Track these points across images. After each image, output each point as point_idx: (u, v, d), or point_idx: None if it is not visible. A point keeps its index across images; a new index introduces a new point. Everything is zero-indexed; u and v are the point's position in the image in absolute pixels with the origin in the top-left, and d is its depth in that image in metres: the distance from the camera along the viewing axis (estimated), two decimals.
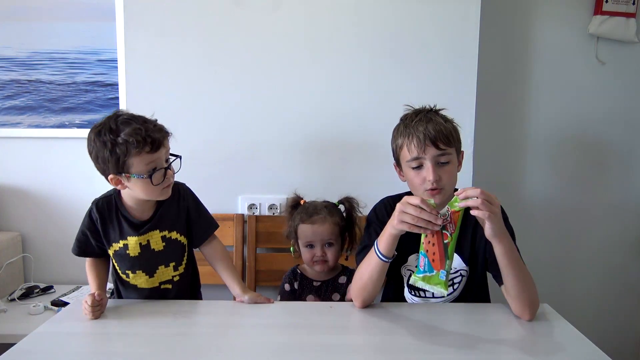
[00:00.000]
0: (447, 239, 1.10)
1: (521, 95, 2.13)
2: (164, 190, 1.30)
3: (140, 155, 1.21)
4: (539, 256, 2.11)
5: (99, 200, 1.37)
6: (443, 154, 1.27)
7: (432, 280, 1.11)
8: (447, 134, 1.27)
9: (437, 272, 1.10)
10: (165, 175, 1.27)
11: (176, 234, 1.39)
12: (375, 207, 1.44)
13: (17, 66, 2.06)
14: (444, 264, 1.10)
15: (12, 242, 2.02)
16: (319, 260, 1.52)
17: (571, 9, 2.08)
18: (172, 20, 1.82)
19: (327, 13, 1.82)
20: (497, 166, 2.14)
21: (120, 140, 1.20)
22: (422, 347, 1.09)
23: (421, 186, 1.28)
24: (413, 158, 1.28)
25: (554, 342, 1.14)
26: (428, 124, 1.27)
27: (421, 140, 1.25)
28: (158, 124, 1.28)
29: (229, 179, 1.56)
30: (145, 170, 1.24)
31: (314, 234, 1.52)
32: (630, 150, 2.17)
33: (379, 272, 1.23)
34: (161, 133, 1.26)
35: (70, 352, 1.07)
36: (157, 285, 1.40)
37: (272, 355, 1.07)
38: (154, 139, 1.23)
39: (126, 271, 1.39)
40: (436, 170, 1.26)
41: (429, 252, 1.12)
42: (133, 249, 1.35)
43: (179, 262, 1.41)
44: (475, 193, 1.09)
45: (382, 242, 1.20)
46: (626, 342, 2.25)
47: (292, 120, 1.87)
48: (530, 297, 1.21)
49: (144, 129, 1.22)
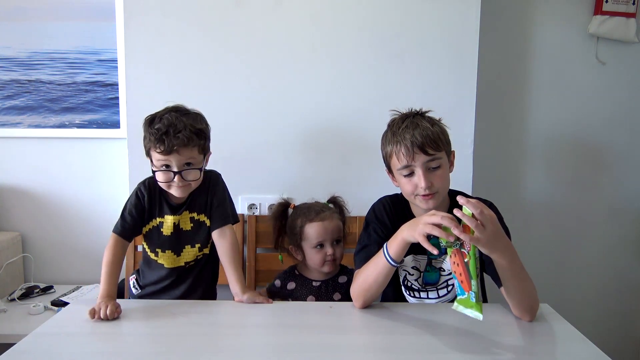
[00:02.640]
0: (466, 258, 1.04)
1: (521, 95, 2.13)
2: (174, 189, 1.39)
3: (154, 151, 1.36)
4: (538, 256, 2.11)
5: (146, 179, 1.49)
6: (433, 159, 1.26)
7: (467, 304, 1.06)
8: (434, 138, 1.25)
9: (467, 294, 1.05)
10: (174, 178, 1.36)
11: (204, 217, 1.48)
12: (374, 206, 1.43)
13: (17, 66, 2.06)
14: (470, 285, 1.04)
15: (12, 242, 2.02)
16: (329, 259, 1.51)
17: (571, 9, 2.08)
18: (172, 20, 1.82)
19: (328, 13, 1.82)
20: (497, 166, 2.13)
21: (152, 129, 1.36)
22: (422, 347, 1.09)
23: (413, 192, 1.27)
24: (403, 166, 1.27)
25: (554, 342, 1.14)
26: (415, 131, 1.25)
27: (409, 148, 1.24)
28: (187, 133, 1.34)
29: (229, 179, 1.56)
30: (156, 165, 1.38)
31: (325, 231, 1.51)
32: (630, 150, 2.17)
33: (385, 275, 1.22)
34: (179, 141, 1.33)
35: (70, 352, 1.07)
36: (182, 265, 1.49)
37: (272, 355, 1.07)
38: (168, 144, 1.32)
39: (156, 249, 1.48)
40: (427, 176, 1.25)
41: (457, 274, 1.07)
42: (167, 227, 1.46)
43: (204, 245, 1.50)
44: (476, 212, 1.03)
45: (394, 247, 1.19)
46: (626, 342, 2.25)
47: (292, 120, 1.87)
48: (530, 302, 1.21)
49: (165, 130, 1.33)
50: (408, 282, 1.40)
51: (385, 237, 1.33)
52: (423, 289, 1.39)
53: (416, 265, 1.38)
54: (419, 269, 1.38)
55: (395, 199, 1.42)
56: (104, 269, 1.37)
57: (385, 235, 1.34)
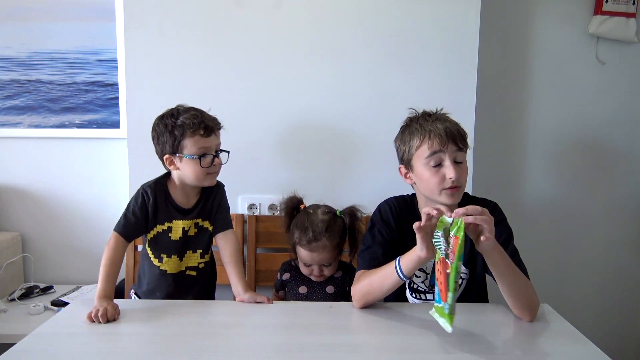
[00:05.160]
0: (448, 269, 1.04)
1: (521, 95, 2.13)
2: (209, 176, 1.43)
3: (193, 137, 1.38)
4: (539, 256, 2.11)
5: (151, 183, 1.47)
6: (460, 152, 1.27)
7: (441, 313, 1.06)
8: (462, 133, 1.29)
9: (443, 304, 1.05)
10: (213, 162, 1.41)
11: (207, 223, 1.50)
12: (380, 208, 1.42)
13: (17, 66, 2.06)
14: (446, 296, 1.03)
15: (12, 242, 2.02)
16: (316, 275, 1.54)
17: (571, 9, 2.08)
18: (172, 20, 1.82)
19: (328, 13, 1.82)
20: (497, 166, 2.13)
21: (179, 122, 1.38)
22: (422, 347, 1.09)
23: (439, 185, 1.25)
24: (433, 152, 1.25)
25: (554, 342, 1.14)
26: (445, 123, 1.28)
27: (443, 136, 1.24)
28: (213, 116, 1.45)
29: (229, 179, 1.56)
30: (197, 152, 1.39)
31: (312, 260, 1.51)
32: (630, 150, 2.17)
33: (391, 285, 1.22)
34: (214, 122, 1.44)
35: (70, 352, 1.07)
36: (183, 270, 1.49)
37: (272, 355, 1.07)
38: (208, 125, 1.40)
39: (161, 255, 1.47)
40: (456, 167, 1.25)
41: (439, 281, 1.07)
42: (176, 232, 1.46)
43: (206, 251, 1.52)
44: (475, 212, 1.06)
45: (407, 263, 1.17)
46: (626, 342, 2.25)
47: (292, 120, 1.87)
48: (528, 301, 1.21)
49: (200, 115, 1.41)
50: (414, 285, 1.40)
51: (390, 239, 1.34)
52: (430, 290, 1.39)
53: (423, 267, 1.38)
54: (425, 271, 1.39)
55: (402, 201, 1.42)
56: (103, 268, 1.35)
57: (389, 237, 1.34)
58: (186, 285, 1.50)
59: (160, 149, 1.43)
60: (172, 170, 1.46)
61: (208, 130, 1.40)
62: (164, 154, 1.42)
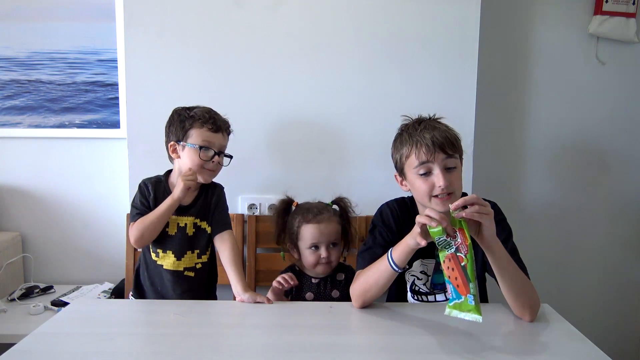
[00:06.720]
0: (463, 262, 1.06)
1: (521, 95, 2.13)
2: (205, 172, 1.46)
3: (201, 128, 1.44)
4: (539, 256, 2.10)
5: (151, 179, 1.52)
6: (450, 158, 1.26)
7: (463, 307, 1.06)
8: (452, 139, 1.27)
9: (464, 297, 1.06)
10: (212, 159, 1.45)
11: (205, 224, 1.52)
12: (381, 210, 1.43)
13: (17, 66, 2.06)
14: (468, 288, 1.05)
15: (12, 242, 2.02)
16: (324, 262, 1.51)
17: (571, 9, 2.08)
18: (172, 20, 1.82)
19: (327, 13, 1.82)
20: (497, 167, 2.14)
21: (192, 113, 1.46)
22: (422, 347, 1.09)
23: (429, 193, 1.25)
24: (421, 163, 1.25)
25: (554, 342, 1.14)
26: (434, 131, 1.26)
27: (430, 146, 1.24)
28: (226, 119, 1.53)
29: (229, 178, 1.56)
30: (200, 143, 1.44)
31: (321, 234, 1.50)
32: (630, 150, 2.17)
33: (386, 279, 1.22)
34: (225, 123, 1.51)
35: (70, 352, 1.07)
36: (181, 270, 1.50)
37: (272, 355, 1.07)
38: (217, 122, 1.47)
39: (157, 249, 1.50)
40: (446, 175, 1.24)
41: (452, 278, 1.08)
42: (172, 227, 1.49)
43: (203, 251, 1.54)
44: (472, 200, 1.10)
45: (398, 253, 1.19)
46: (626, 342, 2.25)
47: (292, 120, 1.87)
48: (528, 300, 1.21)
49: (213, 112, 1.49)
50: (416, 287, 1.41)
51: (390, 241, 1.34)
52: (431, 292, 1.39)
53: (424, 269, 1.39)
54: (427, 273, 1.39)
55: (402, 203, 1.42)
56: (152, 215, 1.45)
57: (390, 239, 1.34)
58: (184, 285, 1.51)
59: (167, 136, 1.49)
60: (173, 161, 1.51)
61: (216, 127, 1.46)
62: (169, 141, 1.48)
